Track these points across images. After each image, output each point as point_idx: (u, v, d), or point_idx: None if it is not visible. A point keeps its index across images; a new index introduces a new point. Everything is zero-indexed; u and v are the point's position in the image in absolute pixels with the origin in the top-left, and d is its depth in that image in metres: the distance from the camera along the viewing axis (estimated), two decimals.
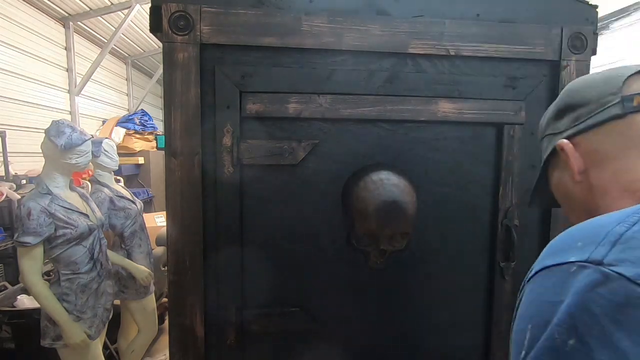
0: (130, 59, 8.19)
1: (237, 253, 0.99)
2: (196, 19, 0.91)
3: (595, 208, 0.51)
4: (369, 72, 0.99)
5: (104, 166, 2.33)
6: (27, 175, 3.93)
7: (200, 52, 0.93)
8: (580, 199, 0.54)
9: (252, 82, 0.96)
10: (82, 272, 1.84)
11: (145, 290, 2.42)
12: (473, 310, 1.10)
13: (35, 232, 1.68)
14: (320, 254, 1.04)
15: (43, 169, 1.82)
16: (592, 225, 0.40)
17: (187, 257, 0.96)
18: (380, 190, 0.94)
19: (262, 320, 1.02)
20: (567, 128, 0.54)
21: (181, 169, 0.94)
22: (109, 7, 5.89)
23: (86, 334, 1.81)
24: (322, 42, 0.96)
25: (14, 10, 4.78)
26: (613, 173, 0.49)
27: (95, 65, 5.95)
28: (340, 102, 0.98)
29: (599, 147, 0.50)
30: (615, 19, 5.10)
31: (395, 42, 0.98)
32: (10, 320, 2.24)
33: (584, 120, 0.52)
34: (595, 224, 0.40)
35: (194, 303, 0.97)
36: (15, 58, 4.82)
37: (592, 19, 1.06)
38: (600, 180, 0.50)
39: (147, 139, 5.44)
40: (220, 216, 0.98)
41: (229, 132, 0.96)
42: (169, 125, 0.94)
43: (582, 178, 0.52)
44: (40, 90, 5.33)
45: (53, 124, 1.80)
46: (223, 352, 1.00)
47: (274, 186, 1.01)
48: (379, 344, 1.09)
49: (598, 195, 0.51)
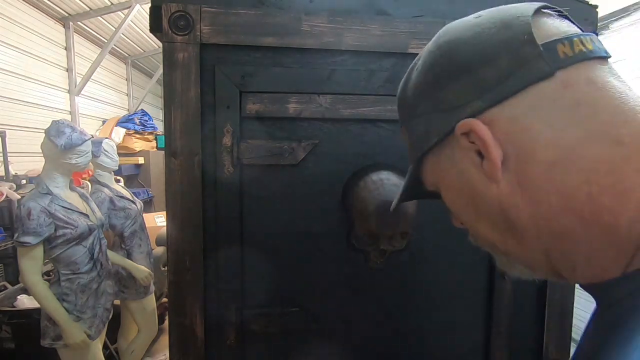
0: (130, 59, 8.20)
1: (237, 253, 0.99)
2: (196, 19, 0.91)
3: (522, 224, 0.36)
4: (369, 72, 0.99)
5: (104, 166, 2.33)
6: (27, 175, 3.93)
7: (200, 52, 0.93)
8: (497, 209, 0.37)
9: (252, 82, 0.96)
10: (82, 272, 1.84)
11: (145, 290, 2.42)
12: (473, 310, 1.10)
13: (35, 232, 1.68)
14: (320, 254, 1.04)
15: (43, 169, 1.83)
16: None
17: (187, 257, 0.96)
18: (380, 190, 0.94)
19: (262, 320, 1.02)
20: (469, 100, 0.36)
21: (181, 169, 0.94)
22: (109, 7, 5.90)
23: (86, 334, 1.81)
24: (322, 42, 0.96)
25: (14, 10, 4.78)
26: (549, 166, 0.33)
27: (95, 65, 5.96)
28: (340, 102, 0.98)
29: (525, 125, 0.34)
30: (616, 19, 5.10)
31: (395, 42, 0.98)
32: (10, 320, 2.24)
33: (494, 86, 0.35)
34: None
35: (194, 303, 0.97)
36: (15, 58, 4.82)
37: (592, 19, 1.06)
38: (530, 179, 0.34)
39: (147, 139, 5.45)
40: (220, 216, 0.98)
41: (229, 132, 0.96)
42: (169, 125, 0.94)
43: (501, 176, 0.35)
44: (40, 90, 5.33)
45: (53, 124, 1.81)
46: (223, 352, 1.00)
47: (274, 186, 1.01)
48: (379, 344, 1.09)
49: (527, 204, 0.35)
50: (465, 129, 0.36)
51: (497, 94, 0.35)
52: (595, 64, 0.34)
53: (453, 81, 0.38)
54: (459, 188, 0.40)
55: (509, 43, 0.35)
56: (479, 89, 0.36)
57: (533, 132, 0.33)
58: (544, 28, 0.36)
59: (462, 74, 0.37)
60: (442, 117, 0.39)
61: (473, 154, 0.37)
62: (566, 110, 0.33)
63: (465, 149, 0.37)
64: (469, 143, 0.37)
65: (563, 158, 0.32)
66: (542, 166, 0.33)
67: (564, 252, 0.35)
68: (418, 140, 0.43)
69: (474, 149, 0.37)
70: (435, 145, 0.40)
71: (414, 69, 0.44)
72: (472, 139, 0.36)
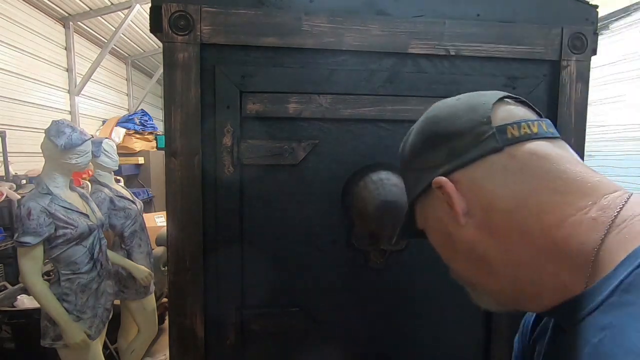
0: (130, 59, 8.20)
1: (237, 253, 0.99)
2: (196, 19, 0.91)
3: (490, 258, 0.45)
4: (369, 72, 0.99)
5: (104, 166, 2.33)
6: (27, 175, 3.94)
7: (200, 52, 0.93)
8: (468, 247, 0.47)
9: (252, 82, 0.96)
10: (82, 272, 1.84)
11: (145, 290, 2.42)
12: (473, 310, 1.10)
13: (35, 232, 1.68)
14: (320, 254, 1.04)
15: (43, 169, 1.83)
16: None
17: (187, 257, 0.96)
18: (380, 190, 0.94)
19: (262, 320, 1.02)
20: (443, 163, 0.48)
21: (181, 169, 0.94)
22: (109, 7, 5.90)
23: (86, 334, 1.81)
24: (323, 42, 0.96)
25: (14, 10, 4.78)
26: (508, 213, 0.44)
27: (95, 65, 5.96)
28: (340, 102, 0.98)
29: (483, 184, 0.45)
30: (615, 19, 5.10)
31: (395, 42, 0.98)
32: (10, 320, 2.24)
33: (461, 154, 0.46)
34: None
35: (194, 303, 0.97)
36: (15, 58, 4.82)
37: (592, 19, 1.06)
38: (491, 223, 0.45)
39: (147, 139, 5.45)
40: (220, 216, 0.98)
41: (229, 132, 0.96)
42: (169, 125, 0.94)
43: (466, 221, 0.46)
44: (40, 90, 5.33)
45: (53, 124, 1.81)
46: (223, 352, 1.00)
47: (274, 186, 1.01)
48: (379, 344, 1.09)
49: (494, 242, 0.45)
50: (437, 184, 0.47)
51: (462, 160, 0.46)
52: (540, 142, 0.45)
53: (434, 147, 0.50)
54: (438, 230, 0.51)
55: (473, 124, 0.47)
56: (449, 156, 0.47)
57: (490, 190, 0.45)
58: (500, 114, 0.47)
59: (439, 141, 0.49)
60: (425, 173, 0.50)
61: (445, 204, 0.47)
62: (514, 174, 0.44)
63: (440, 199, 0.48)
64: (442, 195, 0.47)
65: (517, 206, 0.43)
66: (502, 213, 0.44)
67: (531, 281, 0.43)
68: (410, 189, 0.55)
69: (445, 199, 0.47)
70: (421, 195, 0.52)
71: (412, 131, 0.57)
72: (443, 192, 0.47)
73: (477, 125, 0.46)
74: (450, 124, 0.49)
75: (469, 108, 0.49)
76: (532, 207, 0.42)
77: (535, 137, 0.45)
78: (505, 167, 0.44)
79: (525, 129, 0.45)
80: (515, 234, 0.43)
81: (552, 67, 1.06)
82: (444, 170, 0.47)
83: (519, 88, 1.04)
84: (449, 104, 0.53)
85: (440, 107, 0.53)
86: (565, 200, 0.42)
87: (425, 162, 0.50)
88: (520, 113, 0.48)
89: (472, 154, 0.46)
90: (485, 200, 0.45)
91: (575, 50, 1.04)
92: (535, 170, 0.43)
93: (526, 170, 0.44)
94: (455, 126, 0.48)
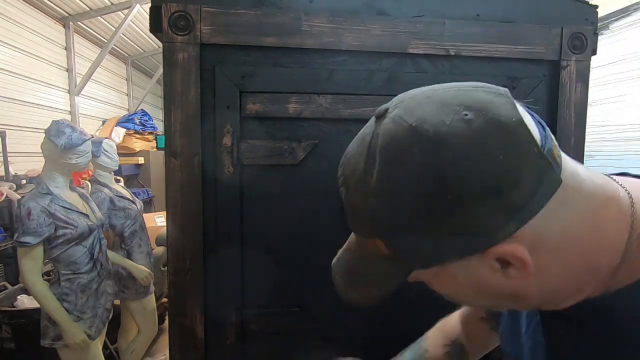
0: (130, 59, 8.20)
1: (237, 253, 0.99)
2: (196, 19, 0.91)
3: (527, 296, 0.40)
4: (369, 72, 0.99)
5: (104, 166, 2.33)
6: (27, 175, 3.93)
7: (200, 52, 0.93)
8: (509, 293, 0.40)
9: (252, 82, 0.96)
10: (82, 272, 1.84)
11: (145, 290, 2.42)
12: None
13: (35, 232, 1.68)
14: (320, 254, 1.04)
15: (43, 169, 1.83)
16: None
17: (187, 257, 0.96)
18: None
19: (262, 320, 1.02)
20: (497, 223, 0.34)
21: (181, 169, 0.94)
22: (109, 7, 5.89)
23: (86, 334, 1.81)
24: (322, 42, 0.96)
25: (14, 10, 4.78)
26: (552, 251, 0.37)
27: (95, 65, 5.95)
28: (340, 102, 0.98)
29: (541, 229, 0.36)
30: (615, 19, 5.10)
31: (395, 42, 0.98)
32: (10, 320, 2.24)
33: (523, 207, 0.34)
34: None
35: (194, 303, 0.97)
36: (15, 58, 4.82)
37: (592, 19, 1.06)
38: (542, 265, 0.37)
39: (147, 139, 5.44)
40: (220, 216, 0.98)
41: (229, 132, 0.96)
42: (169, 125, 0.94)
43: None
44: (40, 90, 5.33)
45: (53, 124, 1.81)
46: (223, 352, 1.00)
47: (274, 186, 1.01)
48: (379, 344, 1.09)
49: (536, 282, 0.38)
50: (503, 254, 0.36)
51: (528, 213, 0.35)
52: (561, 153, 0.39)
53: (470, 206, 0.34)
54: (464, 285, 0.41)
55: (527, 160, 0.34)
56: (508, 212, 0.34)
57: (548, 230, 0.37)
58: (531, 127, 0.35)
59: (482, 198, 0.34)
60: (461, 240, 0.36)
61: (494, 262, 0.37)
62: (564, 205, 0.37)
63: (487, 262, 0.37)
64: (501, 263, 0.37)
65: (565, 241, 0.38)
66: (551, 252, 0.37)
67: (556, 301, 0.42)
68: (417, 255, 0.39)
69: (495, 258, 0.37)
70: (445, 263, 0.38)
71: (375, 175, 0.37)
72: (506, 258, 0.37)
73: (530, 158, 0.34)
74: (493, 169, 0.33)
75: (502, 133, 0.34)
76: (576, 240, 0.38)
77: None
78: (560, 200, 0.36)
79: (553, 140, 0.37)
80: (557, 268, 0.39)
81: (552, 67, 1.06)
82: (505, 234, 0.35)
83: (519, 88, 1.04)
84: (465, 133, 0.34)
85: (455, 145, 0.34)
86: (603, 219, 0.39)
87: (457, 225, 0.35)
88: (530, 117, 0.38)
89: (538, 201, 0.34)
90: (542, 242, 0.37)
91: (575, 50, 1.04)
92: (578, 196, 0.38)
93: (573, 197, 0.37)
94: (502, 169, 0.33)
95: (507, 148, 0.34)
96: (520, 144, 0.34)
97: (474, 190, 0.34)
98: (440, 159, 0.34)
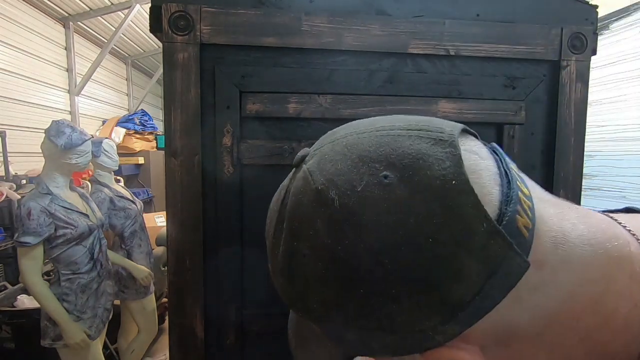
0: (130, 59, 8.19)
1: (237, 253, 0.99)
2: (196, 19, 0.91)
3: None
4: (369, 72, 0.99)
5: (104, 166, 2.33)
6: (27, 175, 3.93)
7: (200, 52, 0.93)
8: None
9: (252, 82, 0.96)
10: (82, 272, 1.84)
11: (145, 290, 2.42)
12: None
13: (35, 232, 1.68)
14: None
15: (43, 169, 1.83)
16: None
17: (187, 257, 0.96)
18: None
19: (262, 320, 1.02)
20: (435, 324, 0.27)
21: (181, 169, 0.94)
22: (109, 7, 5.89)
23: (86, 334, 1.81)
24: (322, 42, 0.96)
25: (14, 10, 4.78)
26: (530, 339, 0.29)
27: (95, 65, 5.95)
28: (340, 102, 0.98)
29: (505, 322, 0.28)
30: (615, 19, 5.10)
31: (395, 42, 0.98)
32: (10, 320, 2.24)
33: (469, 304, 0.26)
34: None
35: (194, 303, 0.97)
36: (15, 58, 4.82)
37: (592, 19, 1.06)
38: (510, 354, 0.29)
39: (147, 139, 5.45)
40: (220, 216, 0.98)
41: (229, 132, 0.96)
42: (169, 125, 0.94)
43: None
44: (40, 90, 5.33)
45: (53, 124, 1.81)
46: (223, 352, 1.00)
47: (274, 186, 1.00)
48: None
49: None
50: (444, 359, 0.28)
51: (476, 311, 0.26)
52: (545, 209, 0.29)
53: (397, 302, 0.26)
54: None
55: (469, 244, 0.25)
56: (448, 311, 0.26)
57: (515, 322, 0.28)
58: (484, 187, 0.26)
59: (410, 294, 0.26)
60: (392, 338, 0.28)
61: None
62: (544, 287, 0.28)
63: None
64: None
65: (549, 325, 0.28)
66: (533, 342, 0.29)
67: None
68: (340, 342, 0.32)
69: None
70: None
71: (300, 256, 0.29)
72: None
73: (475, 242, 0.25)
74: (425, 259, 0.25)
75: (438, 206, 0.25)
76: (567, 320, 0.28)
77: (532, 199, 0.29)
78: (534, 288, 0.27)
79: (526, 201, 0.28)
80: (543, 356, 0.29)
81: (552, 67, 1.06)
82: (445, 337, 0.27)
83: (519, 88, 1.04)
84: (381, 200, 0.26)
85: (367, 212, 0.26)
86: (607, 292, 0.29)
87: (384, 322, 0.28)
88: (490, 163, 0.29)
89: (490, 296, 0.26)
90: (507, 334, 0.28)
91: (575, 50, 1.04)
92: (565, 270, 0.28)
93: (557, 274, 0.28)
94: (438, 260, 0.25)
95: (438, 227, 0.25)
96: (459, 219, 0.25)
97: (393, 283, 0.26)
98: (345, 239, 0.27)
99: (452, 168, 0.26)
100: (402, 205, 0.25)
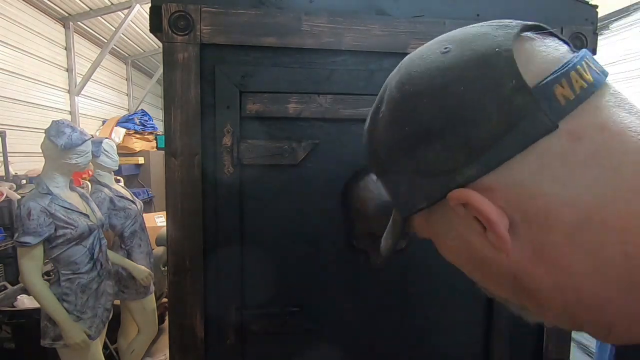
0: (130, 59, 8.20)
1: (237, 253, 0.99)
2: (196, 19, 0.91)
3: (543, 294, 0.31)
4: (369, 72, 0.99)
5: (104, 166, 2.33)
6: (27, 175, 3.93)
7: (200, 52, 0.93)
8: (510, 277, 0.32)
9: (252, 82, 0.96)
10: (82, 272, 1.84)
11: (145, 290, 2.42)
12: (473, 310, 1.10)
13: (35, 232, 1.68)
14: (320, 254, 1.04)
15: (43, 169, 1.83)
16: None
17: (187, 257, 0.96)
18: (380, 191, 0.94)
19: (262, 320, 1.02)
20: (457, 166, 0.30)
21: (181, 169, 0.94)
22: (109, 7, 5.90)
23: (86, 334, 1.81)
24: (322, 42, 0.96)
25: (14, 10, 4.78)
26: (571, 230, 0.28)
27: (95, 65, 5.96)
28: (340, 102, 0.98)
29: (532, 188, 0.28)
30: (615, 19, 5.10)
31: (395, 42, 0.98)
32: (10, 320, 2.24)
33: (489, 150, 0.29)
34: None
35: (194, 303, 0.97)
36: (15, 58, 4.82)
37: (592, 19, 1.06)
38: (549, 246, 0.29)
39: (147, 139, 5.45)
40: (220, 216, 0.98)
41: (229, 132, 0.96)
42: (169, 125, 0.94)
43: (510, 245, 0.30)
44: (40, 90, 5.33)
45: (53, 124, 1.81)
46: (223, 352, 1.00)
47: (274, 186, 1.01)
48: (379, 344, 1.09)
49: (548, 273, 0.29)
50: (460, 200, 0.31)
51: (492, 158, 0.29)
52: (599, 99, 0.29)
53: (431, 142, 0.31)
54: (459, 251, 0.35)
55: (495, 93, 0.28)
56: (468, 153, 0.29)
57: (544, 195, 0.28)
58: (531, 62, 0.29)
59: (442, 134, 0.30)
60: (426, 181, 0.32)
61: (473, 221, 0.31)
62: (581, 167, 0.27)
63: (464, 217, 0.32)
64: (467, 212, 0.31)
65: (587, 219, 0.27)
66: (562, 231, 0.28)
67: (596, 322, 0.30)
68: (400, 198, 0.36)
69: (473, 215, 0.31)
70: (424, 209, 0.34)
71: (379, 115, 0.36)
72: (470, 209, 0.31)
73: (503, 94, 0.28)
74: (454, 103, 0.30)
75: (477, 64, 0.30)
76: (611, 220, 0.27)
77: (593, 89, 0.29)
78: (564, 156, 0.28)
79: (579, 80, 0.29)
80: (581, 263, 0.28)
81: None
82: (464, 178, 0.30)
83: None
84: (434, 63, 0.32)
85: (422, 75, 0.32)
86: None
87: (421, 164, 0.32)
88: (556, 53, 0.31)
89: (508, 145, 0.28)
90: (537, 212, 0.29)
91: (575, 50, 1.04)
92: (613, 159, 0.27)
93: (600, 159, 0.27)
94: (464, 104, 0.29)
95: (471, 80, 0.29)
96: (490, 76, 0.29)
97: (431, 125, 0.31)
98: (404, 93, 0.33)
99: (502, 42, 0.30)
100: (449, 62, 0.31)
